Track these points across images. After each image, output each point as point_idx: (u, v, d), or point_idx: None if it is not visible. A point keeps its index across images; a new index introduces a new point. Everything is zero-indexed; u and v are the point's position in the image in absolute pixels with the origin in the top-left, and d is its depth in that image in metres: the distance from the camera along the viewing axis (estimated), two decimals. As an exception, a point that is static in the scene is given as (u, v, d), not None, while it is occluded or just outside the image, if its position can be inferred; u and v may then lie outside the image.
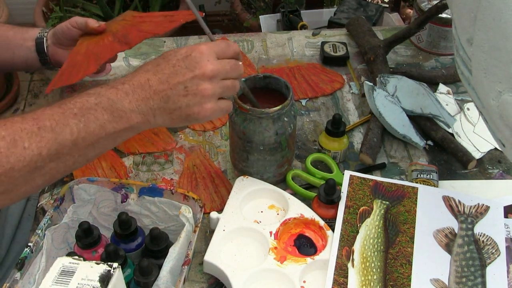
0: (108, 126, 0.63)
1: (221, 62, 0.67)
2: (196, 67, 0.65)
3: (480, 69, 0.58)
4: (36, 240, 0.68)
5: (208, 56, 0.66)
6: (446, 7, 0.99)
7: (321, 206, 0.78)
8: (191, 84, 0.65)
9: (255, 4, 2.09)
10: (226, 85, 0.67)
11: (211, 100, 0.66)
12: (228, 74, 0.67)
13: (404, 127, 0.92)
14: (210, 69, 0.65)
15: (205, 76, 0.65)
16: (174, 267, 0.67)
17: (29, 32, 0.94)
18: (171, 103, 0.65)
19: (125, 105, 0.64)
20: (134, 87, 0.65)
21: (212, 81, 0.65)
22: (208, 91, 0.65)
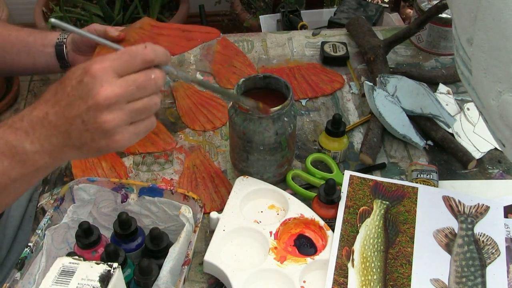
0: (11, 173, 0.55)
1: (122, 83, 0.54)
2: (89, 95, 0.53)
3: (480, 69, 0.58)
4: (36, 240, 0.68)
5: (102, 80, 0.53)
6: (446, 7, 0.99)
7: (321, 206, 0.78)
8: (87, 117, 0.53)
9: (255, 4, 2.09)
10: (135, 108, 0.55)
11: (118, 131, 0.55)
12: (134, 96, 0.55)
13: (404, 127, 0.92)
14: (104, 96, 0.53)
15: (99, 106, 0.53)
16: (174, 267, 0.67)
17: (48, 37, 0.94)
18: (75, 139, 0.55)
19: (26, 147, 0.55)
20: (33, 124, 0.56)
21: (112, 110, 0.53)
22: (109, 124, 0.54)
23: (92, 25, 0.93)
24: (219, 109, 0.99)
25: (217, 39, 1.15)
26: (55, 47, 0.93)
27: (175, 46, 0.92)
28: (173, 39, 0.94)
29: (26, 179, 0.57)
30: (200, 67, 1.09)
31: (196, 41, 0.94)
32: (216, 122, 0.97)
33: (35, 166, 0.56)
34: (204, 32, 0.95)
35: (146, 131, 0.58)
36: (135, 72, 0.55)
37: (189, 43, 0.94)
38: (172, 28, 0.96)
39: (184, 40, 0.94)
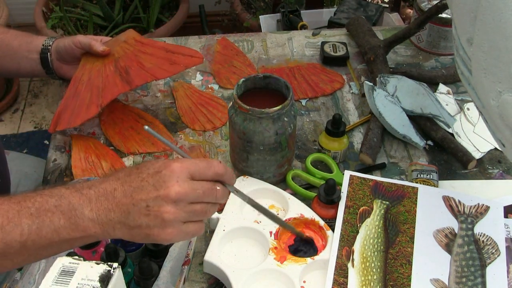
0: (63, 232, 0.59)
1: (193, 185, 0.59)
2: (163, 186, 0.58)
3: (480, 69, 0.58)
4: (36, 240, 0.68)
5: (178, 176, 0.59)
6: (446, 7, 0.99)
7: (321, 206, 0.78)
8: (153, 204, 0.58)
9: (255, 4, 2.09)
10: (194, 209, 0.60)
11: (173, 225, 0.59)
12: (198, 199, 0.60)
13: (404, 127, 0.92)
14: (176, 191, 0.58)
15: (168, 198, 0.58)
16: (174, 267, 0.67)
17: (33, 43, 0.94)
18: (131, 220, 0.59)
19: (84, 213, 0.59)
20: (99, 195, 0.60)
21: (177, 205, 0.59)
22: (170, 215, 0.58)
23: (77, 38, 0.93)
24: (219, 109, 0.99)
25: (217, 39, 1.15)
26: (40, 54, 0.93)
27: (158, 69, 0.93)
28: (157, 60, 0.94)
29: (72, 242, 0.60)
30: (200, 67, 1.09)
31: (179, 66, 0.94)
32: (216, 122, 0.97)
33: (85, 233, 0.59)
34: (187, 55, 0.96)
35: (194, 234, 0.62)
36: (205, 180, 0.61)
37: (172, 67, 0.94)
38: (156, 46, 0.96)
39: (167, 63, 0.94)
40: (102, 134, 0.95)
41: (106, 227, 0.60)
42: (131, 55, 0.94)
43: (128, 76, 0.91)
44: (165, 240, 0.60)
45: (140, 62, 0.93)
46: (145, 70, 0.92)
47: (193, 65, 0.96)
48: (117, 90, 0.90)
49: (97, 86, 0.91)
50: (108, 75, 0.92)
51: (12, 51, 0.93)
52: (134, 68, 0.92)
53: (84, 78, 0.92)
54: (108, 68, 0.93)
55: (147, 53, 0.95)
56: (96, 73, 0.93)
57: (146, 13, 2.04)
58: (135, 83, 0.91)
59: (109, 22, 2.00)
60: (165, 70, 0.93)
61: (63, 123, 0.89)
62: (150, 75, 0.91)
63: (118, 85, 0.91)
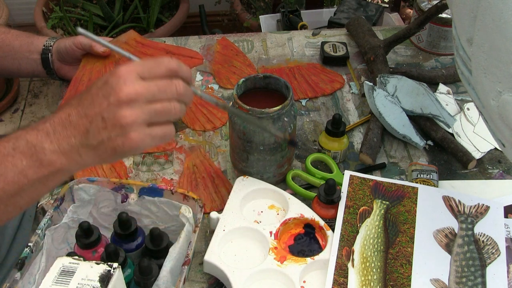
0: (29, 172, 0.57)
1: (144, 83, 0.57)
2: (111, 93, 0.56)
3: (480, 69, 0.58)
4: (36, 240, 0.68)
5: (126, 79, 0.56)
6: (446, 7, 0.99)
7: (321, 206, 0.78)
8: (107, 114, 0.56)
9: (255, 4, 2.09)
10: (154, 109, 0.57)
11: (136, 129, 0.56)
12: (155, 96, 0.57)
13: (404, 127, 0.92)
14: (126, 92, 0.55)
15: (120, 101, 0.55)
16: (174, 267, 0.67)
17: (34, 43, 0.94)
18: (92, 138, 0.57)
19: (45, 147, 0.57)
20: (55, 125, 0.57)
21: (132, 106, 0.56)
22: (127, 119, 0.56)
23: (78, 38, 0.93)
24: (219, 109, 0.99)
25: (217, 39, 1.15)
26: (40, 55, 0.93)
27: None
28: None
29: (43, 181, 0.58)
30: (200, 67, 1.09)
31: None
32: (216, 122, 0.97)
33: (52, 167, 0.57)
34: (187, 56, 0.97)
35: (162, 136, 0.59)
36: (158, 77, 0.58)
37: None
38: (157, 47, 0.98)
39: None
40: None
41: (71, 155, 0.58)
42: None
43: None
44: (133, 148, 0.57)
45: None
46: None
47: (193, 66, 0.97)
48: None
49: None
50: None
51: (13, 51, 0.94)
52: None
53: (84, 79, 0.93)
54: (108, 69, 0.93)
55: (148, 54, 0.95)
56: (96, 74, 0.93)
57: (146, 13, 2.04)
58: None
59: (109, 22, 2.00)
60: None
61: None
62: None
63: None
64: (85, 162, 0.59)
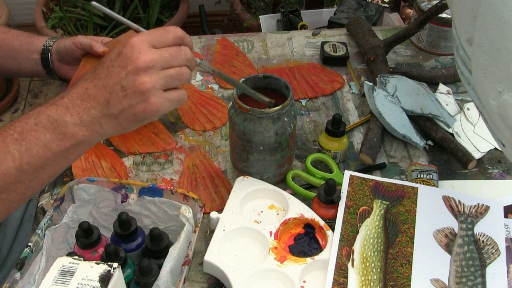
0: (52, 145, 0.59)
1: (157, 51, 0.61)
2: (128, 62, 0.60)
3: (480, 69, 0.58)
4: (36, 240, 0.68)
5: (140, 48, 0.60)
6: (446, 7, 0.99)
7: (321, 206, 0.78)
8: (126, 82, 0.60)
9: (255, 4, 2.09)
10: (169, 74, 0.62)
11: (155, 94, 0.61)
12: (168, 63, 0.62)
13: (404, 127, 0.92)
14: (143, 60, 0.60)
15: (138, 69, 0.60)
16: (174, 267, 0.67)
17: (34, 43, 0.94)
18: (113, 108, 0.60)
19: (66, 120, 0.59)
20: (73, 99, 0.60)
21: (150, 73, 0.60)
22: (146, 85, 0.60)
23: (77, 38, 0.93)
24: (219, 109, 0.99)
25: (217, 39, 1.15)
26: (40, 55, 0.93)
27: None
28: None
29: (65, 153, 0.61)
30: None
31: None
32: (216, 122, 0.97)
33: (74, 139, 0.60)
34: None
35: (178, 99, 0.63)
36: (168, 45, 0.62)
37: None
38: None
39: None
40: (102, 134, 0.95)
41: (92, 126, 0.61)
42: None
43: None
44: (154, 112, 0.61)
45: None
46: None
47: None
48: None
49: None
50: None
51: (13, 51, 0.94)
52: None
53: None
54: None
55: None
56: None
57: (146, 13, 2.04)
58: None
59: (109, 22, 2.00)
60: None
61: None
62: None
63: None
64: (106, 131, 0.62)
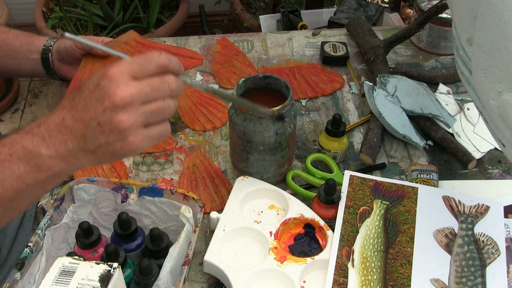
0: (27, 178, 0.56)
1: (137, 84, 0.55)
2: (105, 97, 0.54)
3: (480, 69, 0.58)
4: (36, 240, 0.68)
5: (118, 81, 0.54)
6: (446, 7, 0.99)
7: (321, 206, 0.78)
8: (103, 118, 0.54)
9: (255, 4, 2.09)
10: (150, 110, 0.56)
11: (133, 132, 0.55)
12: (149, 97, 0.56)
13: (404, 127, 0.92)
14: (120, 96, 0.54)
15: (116, 106, 0.54)
16: (174, 267, 0.67)
17: (34, 43, 0.94)
18: (90, 143, 0.56)
19: (42, 153, 0.55)
20: (50, 130, 0.56)
21: (128, 110, 0.54)
22: (124, 123, 0.54)
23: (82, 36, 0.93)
24: (219, 109, 0.99)
25: (217, 39, 1.15)
26: (41, 55, 0.93)
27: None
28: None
29: (41, 185, 0.57)
30: (200, 67, 1.09)
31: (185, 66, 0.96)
32: (216, 122, 0.97)
33: (50, 172, 0.56)
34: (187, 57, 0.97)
35: (160, 136, 0.58)
36: (150, 75, 0.56)
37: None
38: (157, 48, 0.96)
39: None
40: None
41: (69, 159, 0.57)
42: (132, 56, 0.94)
43: None
44: (132, 151, 0.57)
45: None
46: None
47: (193, 66, 0.97)
48: None
49: None
50: None
51: (13, 51, 0.94)
52: None
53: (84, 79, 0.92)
54: None
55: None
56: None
57: (146, 13, 2.04)
58: None
59: (109, 22, 2.00)
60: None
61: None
62: None
63: None
64: (84, 164, 0.58)
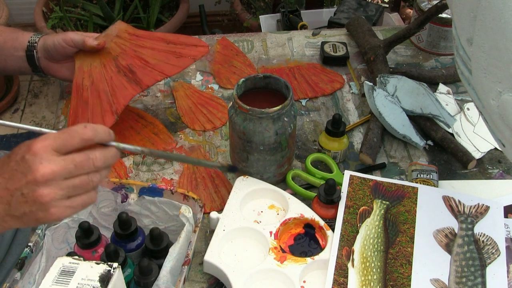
0: None
1: (61, 161, 0.56)
2: (28, 171, 0.56)
3: (480, 69, 0.58)
4: (36, 240, 0.68)
5: (41, 157, 0.56)
6: (446, 7, 0.99)
7: (321, 206, 0.78)
8: (27, 190, 0.57)
9: (255, 4, 2.09)
10: (72, 184, 0.57)
11: (55, 205, 0.57)
12: (72, 173, 0.57)
13: (404, 127, 0.92)
14: (41, 173, 0.56)
15: (37, 181, 0.56)
16: (174, 267, 0.67)
17: (19, 40, 0.90)
18: (15, 210, 0.58)
19: None
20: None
21: (49, 185, 0.56)
22: (45, 198, 0.56)
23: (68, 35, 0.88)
24: (219, 109, 0.99)
25: (217, 39, 1.15)
26: (25, 52, 0.90)
27: (166, 65, 0.87)
28: (160, 54, 0.88)
29: None
30: (200, 67, 1.09)
31: (187, 59, 0.88)
32: (216, 122, 0.97)
33: None
34: (191, 45, 0.89)
35: (83, 205, 0.60)
36: (75, 150, 0.58)
37: (180, 61, 0.87)
38: (154, 38, 0.89)
39: (173, 57, 0.88)
40: (102, 134, 0.95)
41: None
42: (129, 51, 0.88)
43: (134, 76, 0.87)
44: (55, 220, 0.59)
45: (142, 59, 0.88)
46: (150, 67, 0.87)
47: (201, 55, 0.89)
48: (128, 93, 0.85)
49: (104, 91, 0.86)
50: (112, 76, 0.87)
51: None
52: (138, 66, 0.87)
53: (86, 83, 0.87)
54: (109, 69, 0.88)
55: (146, 47, 0.88)
56: (98, 76, 0.87)
57: (146, 13, 2.04)
58: (145, 82, 0.86)
59: (109, 22, 2.00)
60: (173, 66, 0.87)
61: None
62: (159, 73, 0.86)
63: (127, 88, 0.86)
64: (11, 226, 0.60)
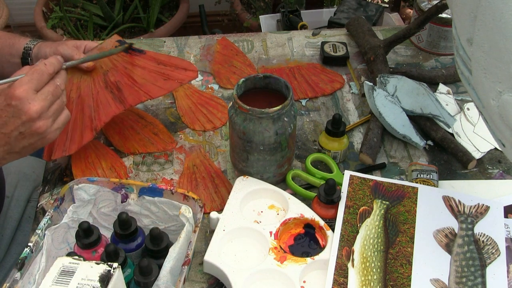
0: None
1: (42, 96, 0.70)
2: (21, 113, 0.68)
3: (480, 69, 0.58)
4: (36, 240, 0.68)
5: (28, 99, 0.68)
6: (446, 7, 0.99)
7: (321, 206, 0.78)
8: (24, 128, 0.69)
9: (255, 4, 2.09)
10: (55, 109, 0.72)
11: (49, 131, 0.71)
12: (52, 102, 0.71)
13: (404, 127, 0.92)
14: (34, 110, 0.69)
15: (32, 118, 0.69)
16: (174, 267, 0.67)
17: (15, 46, 0.91)
18: (14, 147, 0.70)
19: None
20: None
21: (42, 117, 0.70)
22: (42, 128, 0.70)
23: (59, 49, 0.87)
24: (219, 109, 0.99)
25: (217, 39, 1.15)
26: (21, 59, 0.90)
27: (152, 86, 0.88)
28: (149, 75, 0.89)
29: None
30: (200, 67, 1.09)
31: (173, 82, 0.89)
32: (216, 122, 0.97)
33: None
34: (181, 68, 0.90)
35: (64, 123, 0.74)
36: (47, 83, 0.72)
37: (166, 84, 0.89)
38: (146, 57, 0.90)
39: (161, 79, 0.89)
40: (102, 134, 0.95)
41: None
42: (120, 67, 0.89)
43: (120, 94, 0.87)
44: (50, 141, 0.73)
45: (131, 77, 0.88)
46: (137, 87, 0.87)
47: (188, 80, 0.91)
48: (111, 111, 0.86)
49: (89, 106, 0.86)
50: (98, 91, 0.87)
51: None
52: (125, 84, 0.87)
53: (73, 95, 0.87)
54: (97, 84, 0.87)
55: (137, 65, 0.89)
56: (85, 90, 0.87)
57: (146, 13, 2.04)
58: (129, 102, 0.86)
59: (109, 22, 2.00)
60: (159, 88, 0.88)
61: (58, 150, 0.85)
62: (144, 93, 0.87)
63: (111, 105, 0.86)
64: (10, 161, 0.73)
